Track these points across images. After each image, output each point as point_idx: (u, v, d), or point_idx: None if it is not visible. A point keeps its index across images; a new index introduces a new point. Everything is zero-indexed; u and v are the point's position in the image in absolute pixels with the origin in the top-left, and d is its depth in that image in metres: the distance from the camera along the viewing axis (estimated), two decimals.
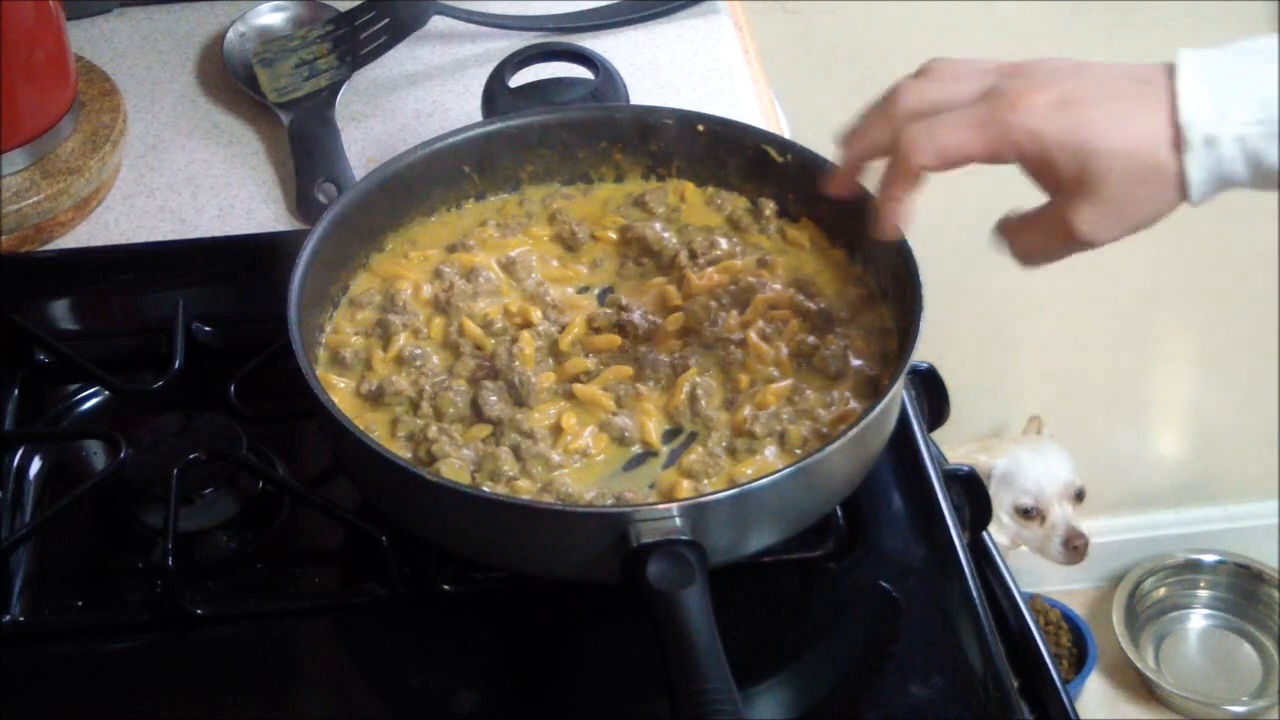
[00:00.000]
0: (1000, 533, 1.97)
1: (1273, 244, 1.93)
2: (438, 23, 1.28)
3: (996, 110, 0.79)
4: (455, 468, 0.86)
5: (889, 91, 0.83)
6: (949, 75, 0.82)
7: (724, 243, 0.99)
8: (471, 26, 1.29)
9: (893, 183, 0.83)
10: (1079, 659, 2.14)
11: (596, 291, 0.99)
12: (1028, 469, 1.99)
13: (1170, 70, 0.78)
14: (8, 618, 0.89)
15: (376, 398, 0.91)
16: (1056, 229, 0.81)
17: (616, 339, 0.94)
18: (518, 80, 1.14)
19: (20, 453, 0.98)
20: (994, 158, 0.80)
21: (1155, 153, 0.78)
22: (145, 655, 0.88)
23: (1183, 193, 0.79)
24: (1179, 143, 0.77)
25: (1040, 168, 0.80)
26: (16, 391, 1.01)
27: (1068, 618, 2.17)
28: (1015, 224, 0.84)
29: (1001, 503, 1.98)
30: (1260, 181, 0.78)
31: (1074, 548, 1.99)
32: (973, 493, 0.98)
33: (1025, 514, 1.99)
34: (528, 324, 0.94)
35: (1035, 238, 0.83)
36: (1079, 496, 2.02)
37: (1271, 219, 1.88)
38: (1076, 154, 0.78)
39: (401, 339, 0.94)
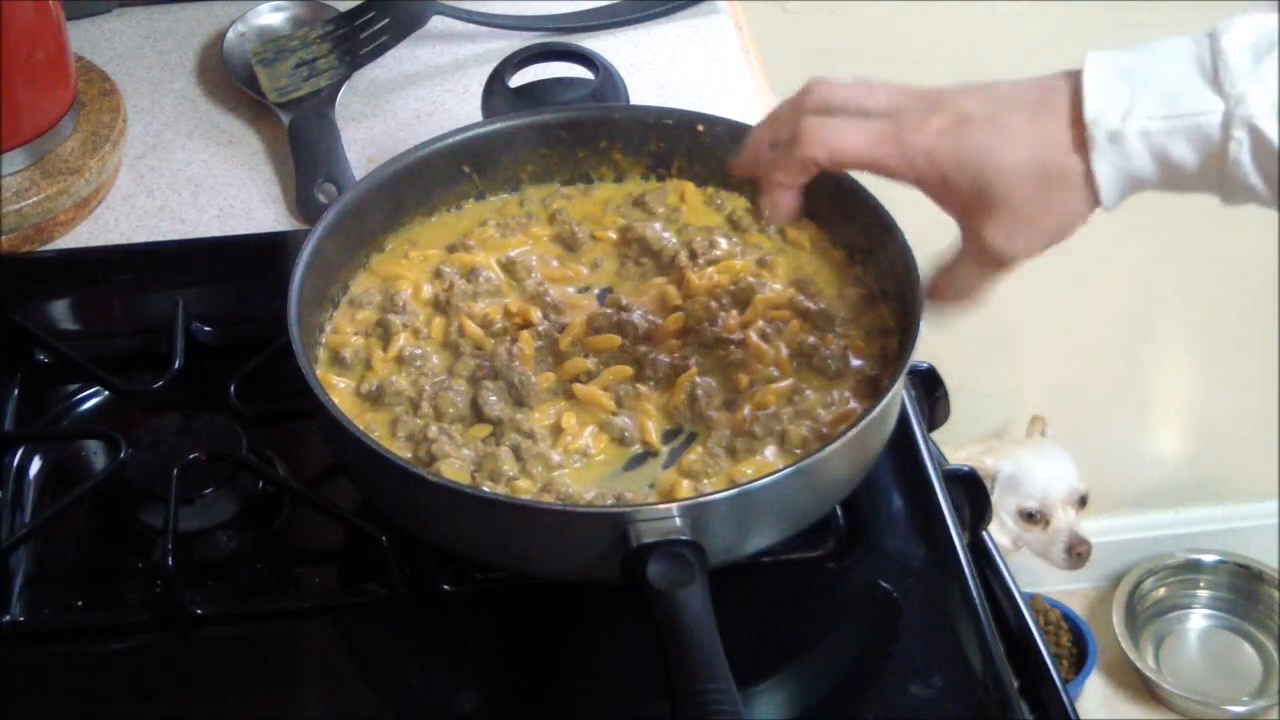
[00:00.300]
0: (1001, 533, 1.97)
1: (1273, 245, 1.93)
2: (438, 23, 1.28)
3: (897, 129, 0.80)
4: (455, 468, 0.86)
5: (803, 86, 0.84)
6: (864, 86, 0.82)
7: (724, 243, 0.99)
8: (471, 26, 1.29)
9: (782, 168, 0.83)
10: (1079, 659, 2.14)
11: (596, 291, 0.98)
12: (1033, 473, 1.99)
13: (1077, 74, 0.78)
14: (8, 618, 0.89)
15: (376, 398, 0.91)
16: (974, 256, 0.81)
17: (616, 339, 0.94)
18: (518, 80, 1.14)
19: (20, 453, 0.98)
20: (887, 172, 0.81)
21: (1055, 158, 0.77)
22: (145, 655, 0.88)
23: (1093, 195, 0.78)
24: (1084, 142, 0.76)
25: (941, 190, 0.80)
26: (16, 391, 1.01)
27: (1068, 618, 2.17)
28: (938, 277, 0.84)
29: (1006, 506, 1.98)
30: (1170, 180, 0.77)
31: (1077, 554, 1.99)
32: (973, 493, 0.98)
33: (1029, 518, 1.99)
34: (528, 324, 0.94)
35: (961, 273, 0.82)
36: (1082, 502, 2.02)
37: (1271, 219, 1.88)
38: (972, 172, 0.78)
39: (401, 339, 0.94)
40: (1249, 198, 0.77)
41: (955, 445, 1.97)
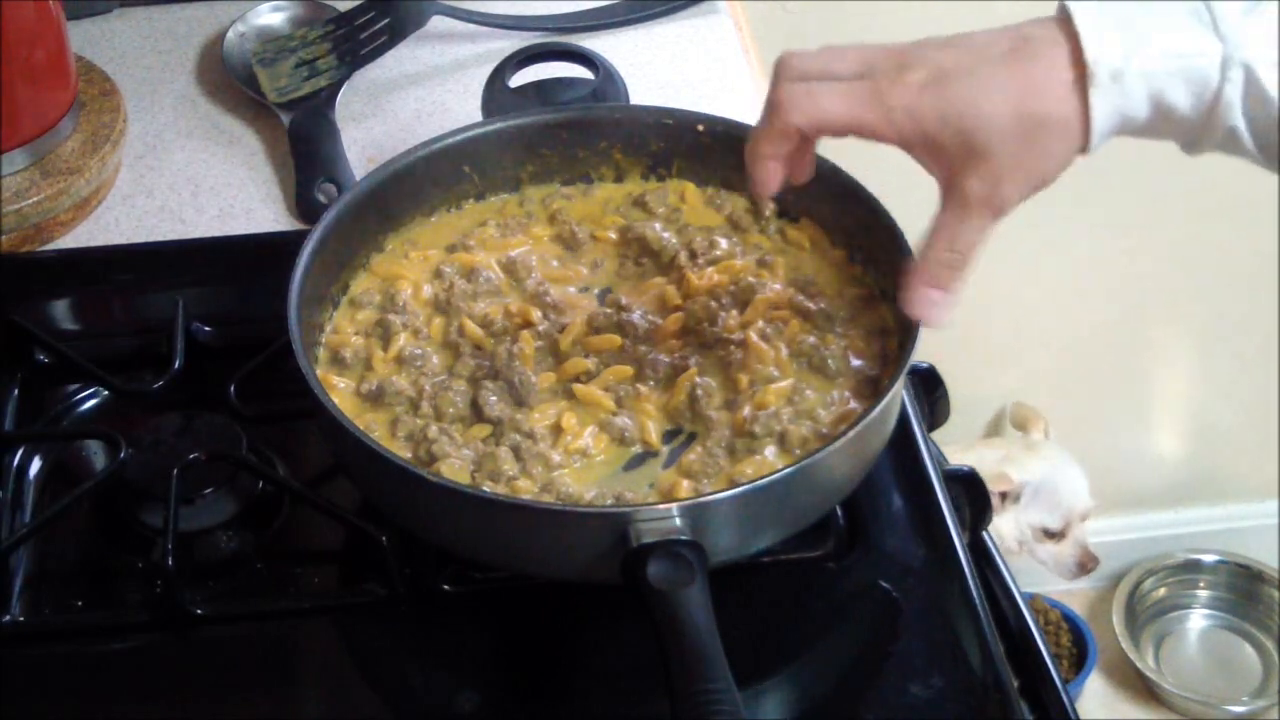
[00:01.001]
0: (1012, 539, 1.97)
1: (1273, 244, 1.93)
2: (438, 23, 1.28)
3: (876, 88, 0.80)
4: (455, 468, 0.86)
5: (775, 61, 0.84)
6: (833, 51, 0.83)
7: (724, 243, 0.99)
8: (471, 26, 1.29)
9: (764, 139, 0.84)
10: (1079, 659, 2.14)
11: (596, 291, 0.98)
12: (1057, 490, 1.98)
13: (1058, 21, 0.79)
14: (8, 618, 0.89)
15: (376, 398, 0.91)
16: (961, 212, 0.81)
17: (616, 339, 0.93)
18: (518, 80, 1.14)
19: (20, 453, 0.98)
20: (869, 133, 0.81)
21: (1042, 102, 0.78)
22: (145, 655, 0.88)
23: (1078, 138, 0.79)
24: (1079, 83, 0.78)
25: (925, 148, 0.80)
26: (16, 391, 1.01)
27: (1068, 618, 2.17)
28: (927, 246, 0.83)
29: (1027, 518, 1.97)
30: (1157, 124, 0.79)
31: (1087, 570, 2.00)
32: (973, 493, 0.98)
33: (1047, 534, 1.99)
34: (528, 324, 0.94)
35: (950, 234, 0.82)
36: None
37: (1271, 219, 1.88)
38: (956, 125, 0.79)
39: (401, 339, 0.93)
40: (1226, 145, 0.80)
41: (963, 447, 1.98)
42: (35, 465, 0.98)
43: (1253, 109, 0.78)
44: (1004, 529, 1.96)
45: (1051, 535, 1.99)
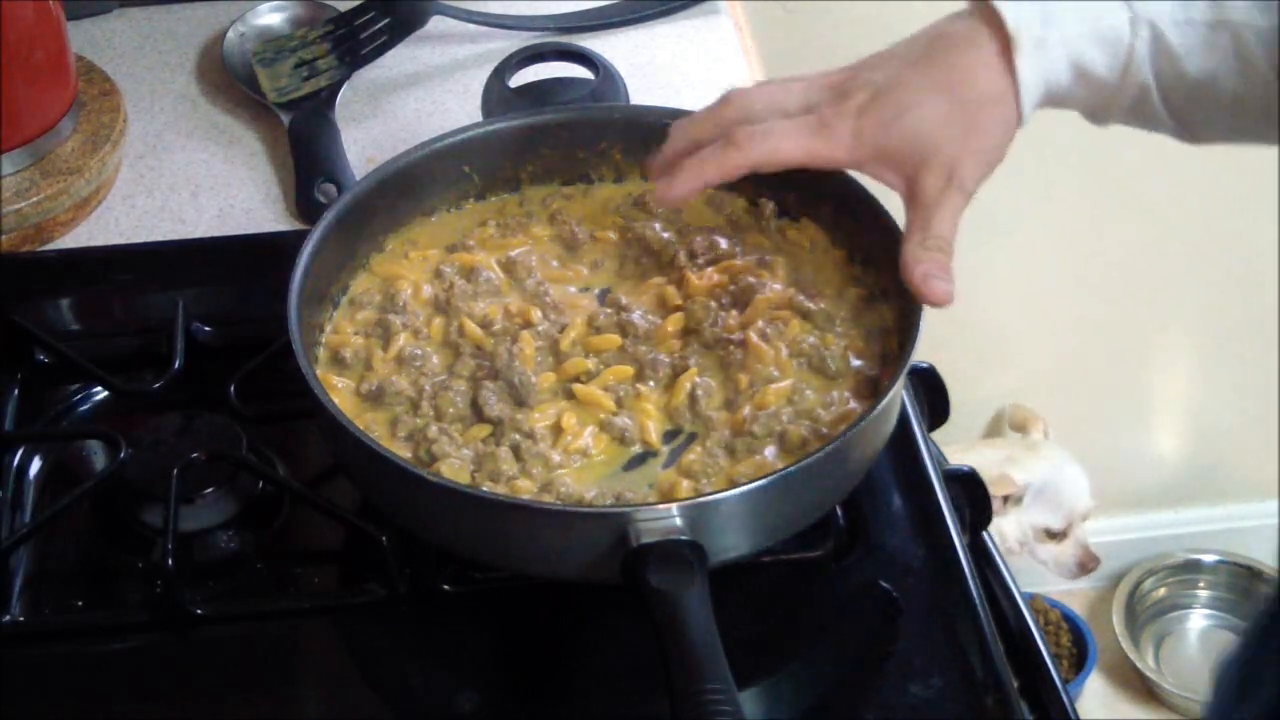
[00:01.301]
0: (1014, 540, 1.97)
1: (1273, 244, 1.93)
2: (438, 23, 1.28)
3: (821, 120, 0.85)
4: (455, 468, 0.86)
5: (721, 97, 0.90)
6: (777, 88, 0.88)
7: (724, 243, 0.99)
8: (471, 26, 1.29)
9: (714, 168, 0.88)
10: (1079, 659, 2.14)
11: (596, 291, 0.98)
12: (1060, 490, 1.98)
13: (972, 11, 0.84)
14: (8, 618, 0.89)
15: (376, 398, 0.91)
16: (928, 212, 0.84)
17: (616, 339, 0.93)
18: (518, 80, 1.14)
19: (20, 453, 0.98)
20: (821, 162, 0.86)
21: (970, 85, 0.83)
22: (145, 655, 0.89)
23: (1015, 108, 0.83)
24: (1005, 54, 0.82)
25: (878, 163, 0.86)
26: (16, 391, 1.01)
27: (1068, 618, 2.17)
28: (913, 244, 0.85)
29: (1030, 518, 1.98)
30: (1077, 89, 0.84)
31: (1087, 570, 2.00)
32: (973, 493, 0.98)
33: (1048, 534, 1.99)
34: (528, 324, 0.94)
35: (923, 232, 0.85)
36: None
37: (1272, 219, 1.88)
38: (898, 133, 0.84)
39: (401, 339, 0.93)
40: (1138, 108, 0.84)
41: (963, 447, 1.98)
42: (35, 465, 0.98)
43: (1160, 64, 0.82)
44: (1006, 530, 1.96)
45: (1053, 535, 1.99)
